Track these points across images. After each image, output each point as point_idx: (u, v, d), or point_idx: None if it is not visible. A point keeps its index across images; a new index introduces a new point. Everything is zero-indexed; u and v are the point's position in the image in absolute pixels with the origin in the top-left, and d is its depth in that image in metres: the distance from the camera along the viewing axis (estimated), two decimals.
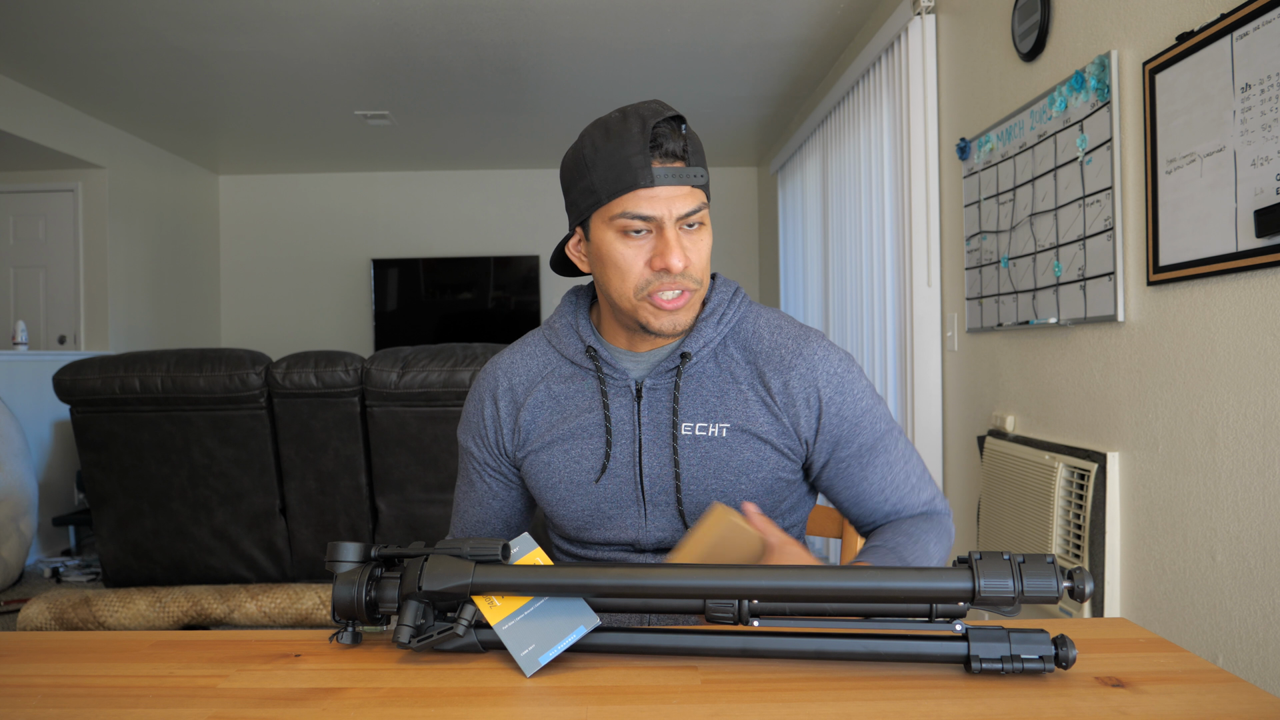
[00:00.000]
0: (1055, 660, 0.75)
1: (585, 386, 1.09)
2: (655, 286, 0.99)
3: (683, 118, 0.98)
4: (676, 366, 1.06)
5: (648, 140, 0.95)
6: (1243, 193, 1.55)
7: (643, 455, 1.06)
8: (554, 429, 1.09)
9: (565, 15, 3.71)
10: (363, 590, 0.82)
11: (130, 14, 3.61)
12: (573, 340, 1.10)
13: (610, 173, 0.96)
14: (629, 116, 0.97)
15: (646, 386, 1.06)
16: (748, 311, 1.11)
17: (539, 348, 1.14)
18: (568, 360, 1.11)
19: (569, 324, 1.12)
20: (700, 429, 1.05)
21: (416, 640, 0.81)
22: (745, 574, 0.77)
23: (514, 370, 1.14)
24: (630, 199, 0.96)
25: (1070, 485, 2.11)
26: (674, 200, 0.97)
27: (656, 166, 0.95)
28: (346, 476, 2.65)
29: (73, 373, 2.62)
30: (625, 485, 1.07)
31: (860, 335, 3.78)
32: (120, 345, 5.34)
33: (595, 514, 1.09)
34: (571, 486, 1.08)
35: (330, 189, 6.72)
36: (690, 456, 1.05)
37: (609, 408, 1.06)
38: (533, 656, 0.78)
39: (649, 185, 0.95)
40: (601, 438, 1.07)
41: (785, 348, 1.07)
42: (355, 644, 0.85)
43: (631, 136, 0.95)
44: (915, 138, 3.01)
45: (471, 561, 0.81)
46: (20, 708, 0.73)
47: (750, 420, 1.05)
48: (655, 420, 1.06)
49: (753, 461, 1.05)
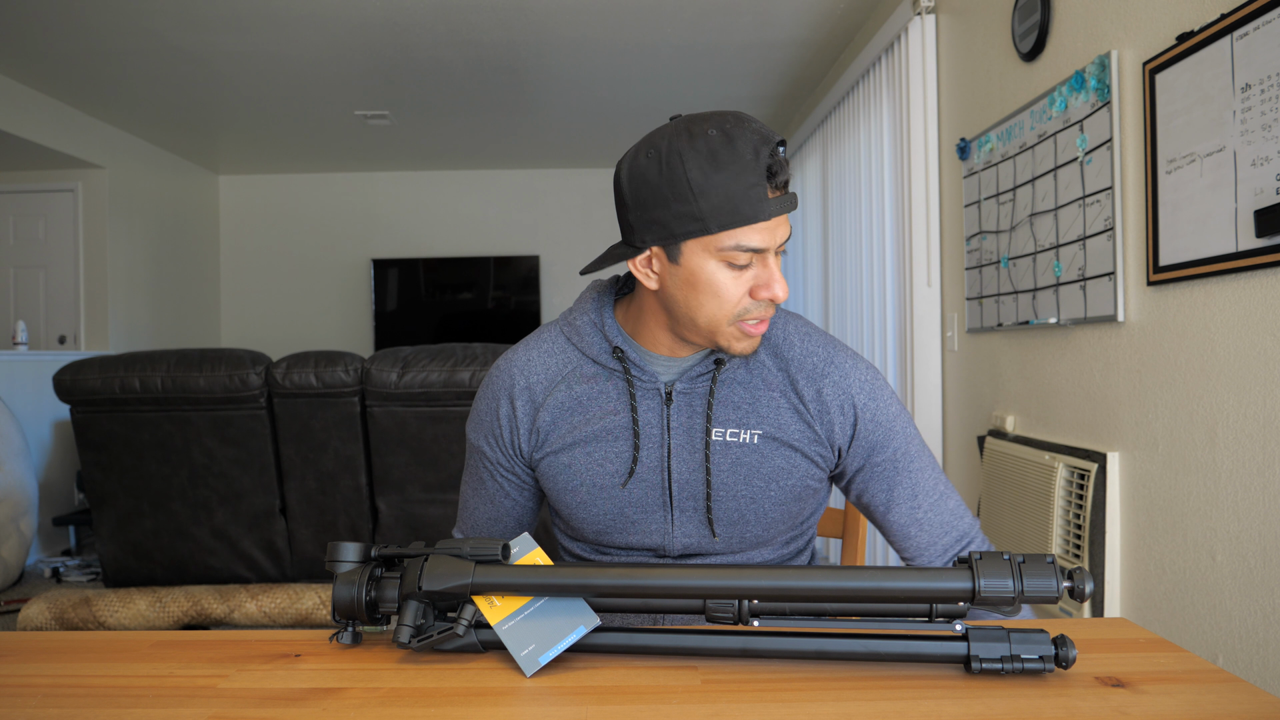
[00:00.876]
0: (1055, 660, 0.75)
1: (610, 388, 1.06)
2: (753, 314, 0.97)
3: (784, 141, 0.95)
4: (711, 372, 1.04)
5: (764, 171, 0.92)
6: (1243, 193, 1.55)
7: (671, 460, 1.05)
8: (576, 430, 1.07)
9: (565, 15, 3.71)
10: (363, 590, 0.82)
11: (130, 14, 3.61)
12: (597, 340, 1.07)
13: (727, 204, 0.91)
14: (735, 141, 0.91)
15: (677, 390, 1.05)
16: (775, 318, 1.10)
17: (557, 344, 1.11)
18: (590, 359, 1.08)
19: (593, 322, 1.08)
20: (731, 435, 1.04)
21: (416, 640, 0.81)
22: (745, 574, 0.77)
23: (531, 369, 1.10)
24: (745, 231, 0.93)
25: (1070, 485, 2.11)
26: (779, 229, 0.95)
27: (771, 198, 0.93)
28: (346, 476, 2.65)
29: (73, 373, 2.62)
30: (652, 490, 1.05)
31: (860, 335, 3.78)
32: (120, 345, 5.34)
33: (619, 518, 1.07)
34: (595, 490, 1.06)
35: (330, 189, 6.72)
36: (721, 463, 1.04)
37: (637, 410, 1.05)
38: (533, 656, 0.78)
39: (768, 219, 0.93)
40: (628, 441, 1.05)
41: (816, 355, 1.07)
42: (355, 644, 0.85)
43: (747, 165, 0.91)
44: (915, 138, 3.01)
45: (471, 561, 0.81)
46: (20, 708, 0.73)
47: (781, 428, 1.04)
48: (686, 425, 1.04)
49: (783, 469, 1.04)
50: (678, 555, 1.08)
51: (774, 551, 1.12)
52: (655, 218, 0.95)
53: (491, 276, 6.62)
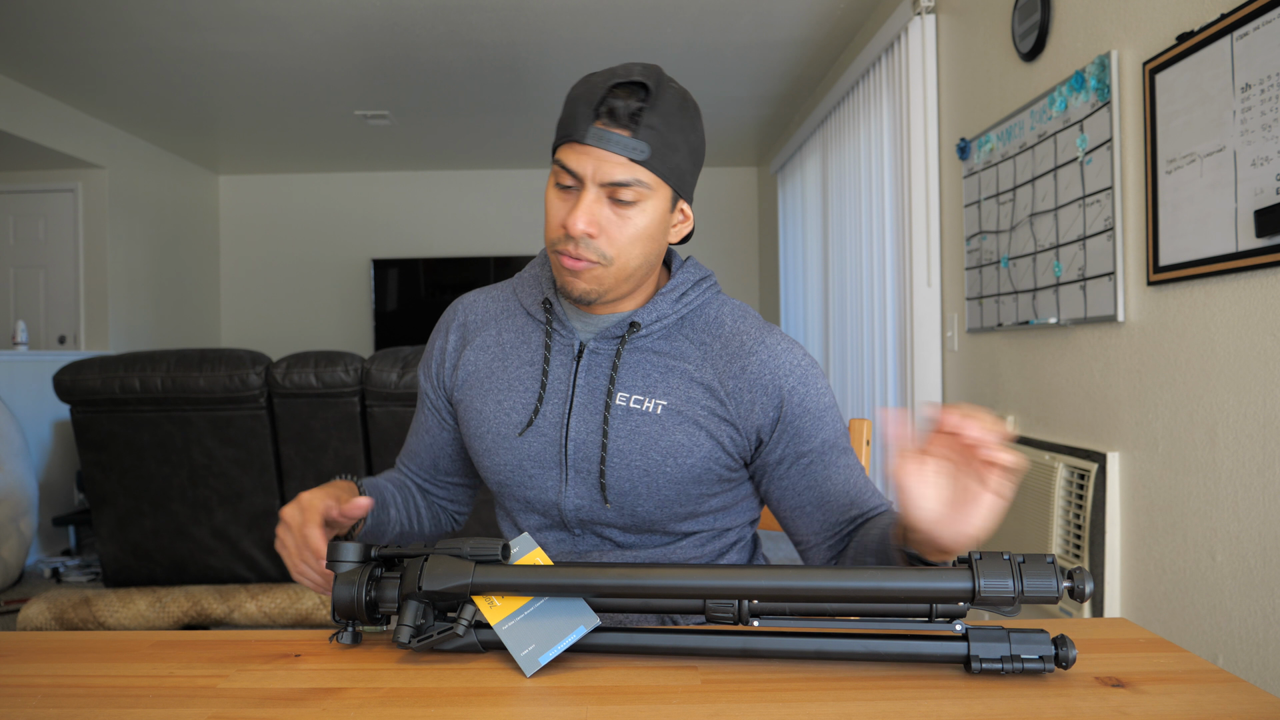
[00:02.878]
0: (1055, 660, 0.75)
1: (532, 339, 1.07)
2: (561, 246, 0.97)
3: (648, 88, 0.94)
4: (623, 335, 1.03)
5: (600, 97, 0.93)
6: (1243, 193, 1.55)
7: (571, 418, 1.03)
8: (493, 376, 1.07)
9: (565, 15, 3.71)
10: (363, 590, 0.82)
11: (130, 14, 3.62)
12: (534, 290, 1.09)
13: (565, 119, 0.96)
14: (609, 72, 0.96)
15: (589, 349, 1.04)
16: (712, 298, 1.08)
17: (505, 291, 1.14)
18: (524, 310, 1.10)
19: (536, 275, 1.10)
20: (635, 401, 1.01)
21: (417, 640, 0.81)
22: (745, 574, 0.77)
23: (474, 308, 1.13)
24: (566, 149, 0.95)
25: (1070, 485, 2.11)
26: (603, 164, 0.93)
27: (599, 127, 0.93)
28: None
29: (73, 373, 2.62)
30: (549, 446, 1.04)
31: (860, 335, 3.78)
32: (120, 345, 5.34)
33: (517, 470, 1.05)
34: (497, 438, 1.06)
35: (330, 189, 6.72)
36: (620, 428, 1.01)
37: (549, 363, 1.05)
38: (533, 656, 0.78)
39: (581, 141, 0.93)
40: (535, 392, 1.04)
41: (747, 335, 1.03)
42: (355, 644, 0.85)
43: (592, 90, 0.94)
44: (915, 138, 3.01)
45: (472, 561, 0.81)
46: (20, 708, 0.73)
47: (690, 403, 1.01)
48: (591, 385, 1.03)
49: (683, 445, 1.01)
50: (573, 522, 1.06)
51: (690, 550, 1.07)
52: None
53: (492, 276, 6.62)
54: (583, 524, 1.06)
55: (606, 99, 0.93)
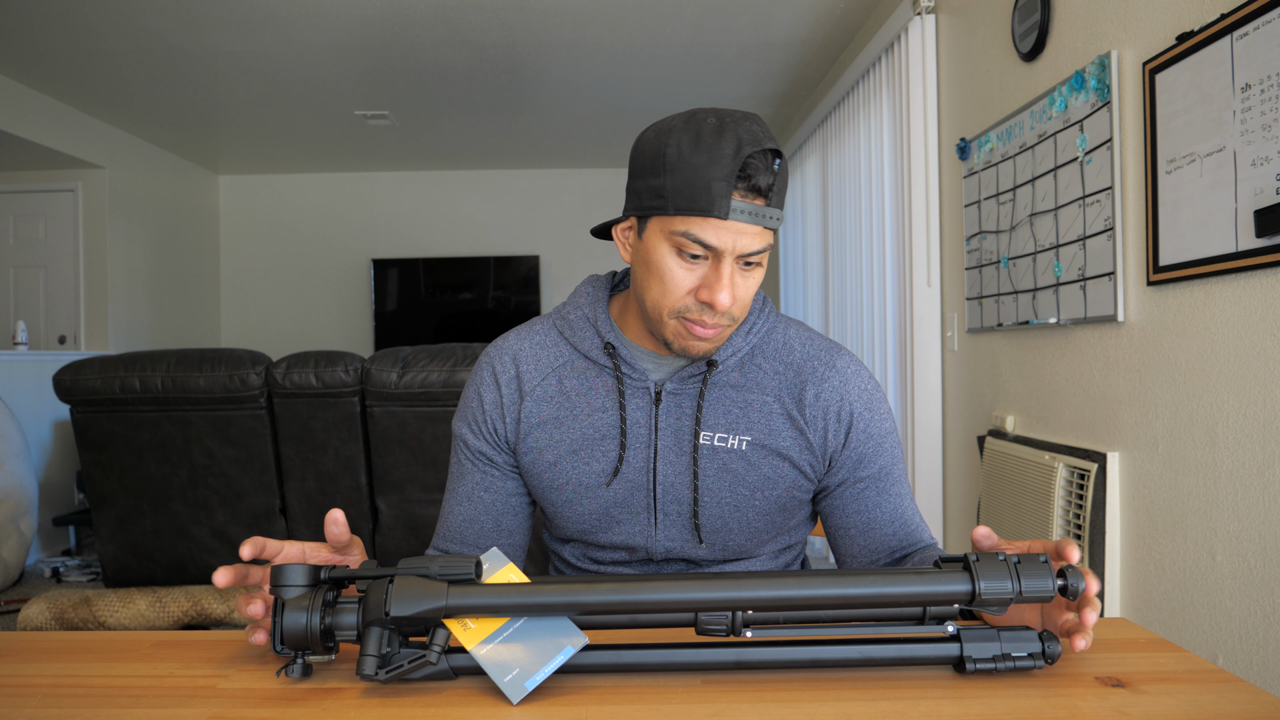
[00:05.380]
0: (1043, 656, 0.75)
1: (600, 385, 1.04)
2: (694, 315, 0.93)
3: (780, 152, 0.90)
4: (703, 374, 1.01)
5: (737, 169, 0.87)
6: (1243, 193, 1.55)
7: (658, 462, 1.02)
8: (562, 426, 1.04)
9: (565, 15, 3.71)
10: (317, 617, 0.74)
11: (130, 14, 3.62)
12: (589, 335, 1.04)
13: (687, 188, 0.89)
14: (726, 133, 0.89)
15: (667, 391, 1.02)
16: (776, 323, 1.07)
17: (550, 337, 1.08)
18: (581, 354, 1.05)
19: (585, 317, 1.05)
20: (720, 440, 1.01)
21: (384, 672, 0.73)
22: (737, 584, 0.75)
23: (521, 357, 1.07)
24: (698, 223, 0.89)
25: (1070, 485, 2.11)
26: (742, 237, 0.90)
27: (737, 200, 0.88)
28: (346, 476, 2.65)
29: (73, 373, 2.62)
30: (636, 491, 1.03)
31: (860, 335, 3.78)
32: (120, 345, 5.34)
33: (604, 518, 1.05)
34: (579, 489, 1.04)
35: (330, 189, 6.72)
36: (707, 468, 1.01)
37: (625, 409, 1.02)
38: (518, 682, 0.72)
39: (723, 217, 0.88)
40: (615, 440, 1.02)
41: (818, 359, 1.04)
42: (306, 677, 0.77)
43: (722, 158, 0.87)
44: (915, 138, 3.01)
45: (444, 582, 0.74)
46: (20, 708, 0.73)
47: (772, 434, 1.01)
48: (674, 427, 1.01)
49: (770, 477, 1.02)
50: (660, 559, 1.06)
51: (767, 562, 1.10)
52: (635, 187, 0.95)
53: (491, 276, 6.62)
54: (670, 560, 1.07)
55: (747, 172, 0.88)
